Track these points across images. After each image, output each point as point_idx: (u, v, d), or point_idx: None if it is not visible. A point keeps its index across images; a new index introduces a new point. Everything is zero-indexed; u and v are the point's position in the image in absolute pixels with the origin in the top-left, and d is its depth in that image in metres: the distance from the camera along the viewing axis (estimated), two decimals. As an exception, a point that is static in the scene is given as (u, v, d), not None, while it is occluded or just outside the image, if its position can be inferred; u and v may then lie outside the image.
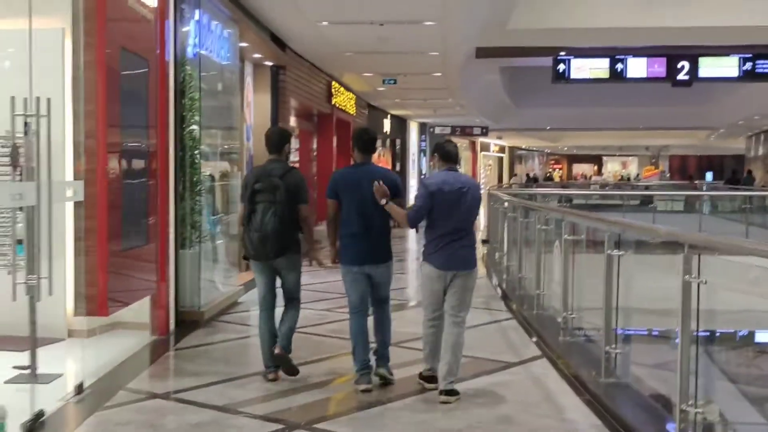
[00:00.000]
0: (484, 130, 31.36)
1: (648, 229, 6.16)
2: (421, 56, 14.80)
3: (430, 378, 5.82)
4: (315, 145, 17.66)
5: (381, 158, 27.81)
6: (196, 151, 8.24)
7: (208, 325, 7.95)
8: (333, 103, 17.11)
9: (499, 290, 10.63)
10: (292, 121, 15.25)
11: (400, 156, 29.51)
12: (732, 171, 36.96)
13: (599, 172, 67.09)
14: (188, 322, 7.83)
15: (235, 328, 7.93)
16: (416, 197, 5.78)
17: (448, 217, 5.66)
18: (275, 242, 5.80)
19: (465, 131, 31.03)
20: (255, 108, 12.82)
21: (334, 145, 17.85)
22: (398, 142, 29.44)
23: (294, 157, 16.62)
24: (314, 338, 7.49)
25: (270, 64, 12.75)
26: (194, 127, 8.07)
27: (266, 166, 6.23)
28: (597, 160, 68.13)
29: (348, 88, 18.81)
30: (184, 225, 8.00)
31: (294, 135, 15.95)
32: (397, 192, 5.90)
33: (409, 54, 14.55)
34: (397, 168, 29.06)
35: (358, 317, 5.94)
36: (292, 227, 5.91)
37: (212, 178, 9.14)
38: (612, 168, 67.83)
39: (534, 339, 7.45)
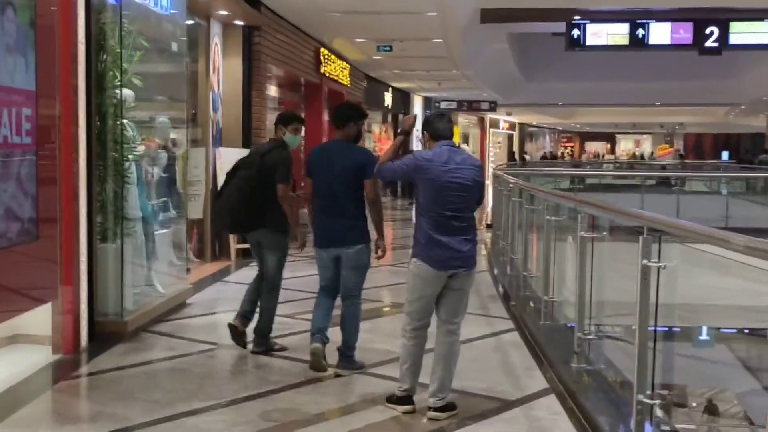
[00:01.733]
0: (493, 105, 29.61)
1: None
2: (418, 18, 13.14)
3: (404, 399, 4.77)
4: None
5: (382, 135, 26.14)
6: (123, 120, 6.66)
7: (133, 338, 6.38)
8: (322, 72, 15.45)
9: (500, 288, 9.03)
10: (272, 91, 13.62)
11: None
12: (746, 150, 35.21)
13: (612, 151, 65.28)
14: (106, 334, 6.27)
15: (168, 344, 6.35)
16: (406, 160, 4.81)
17: (442, 202, 4.63)
18: (230, 215, 6.03)
19: (472, 106, 29.29)
20: (225, 74, 11.20)
21: (325, 118, 16.21)
22: (400, 117, 27.72)
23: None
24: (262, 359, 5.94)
25: (241, 23, 11.11)
26: (118, 91, 6.47)
27: (262, 145, 6.61)
28: (610, 138, 66.33)
29: (341, 56, 17.14)
30: (105, 213, 6.43)
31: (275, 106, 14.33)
32: (366, 173, 5.39)
33: (403, 15, 12.89)
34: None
35: (323, 294, 5.74)
36: (265, 205, 5.88)
37: (154, 157, 7.57)
38: (625, 146, 66.07)
39: (540, 363, 5.86)
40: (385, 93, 24.32)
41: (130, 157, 6.69)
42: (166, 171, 9.37)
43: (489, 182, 15.03)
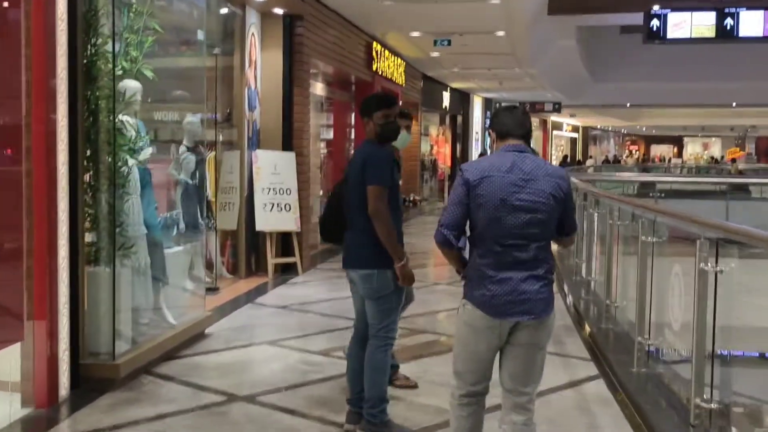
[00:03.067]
0: (557, 107, 28.08)
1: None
2: (480, 8, 11.82)
3: None
4: (353, 121, 14.82)
5: (439, 137, 24.85)
6: (124, 117, 5.51)
7: (127, 384, 5.18)
8: (375, 69, 14.22)
9: (574, 313, 7.66)
10: (318, 89, 12.43)
11: (461, 135, 26.47)
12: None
13: (679, 154, 62.87)
14: (94, 380, 5.09)
15: (168, 393, 5.13)
16: (451, 193, 3.53)
17: (501, 227, 3.35)
18: (327, 236, 4.76)
19: (535, 107, 27.79)
20: (263, 69, 10.04)
21: (378, 120, 14.96)
22: (459, 119, 26.39)
23: (327, 133, 13.84)
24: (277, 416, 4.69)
25: (282, 12, 9.94)
26: (112, 83, 5.30)
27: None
28: (677, 141, 63.92)
29: (395, 53, 15.89)
30: (98, 231, 5.26)
31: (324, 105, 13.15)
32: (367, 178, 4.24)
33: (464, 3, 11.58)
34: (458, 149, 26.05)
35: (354, 337, 4.60)
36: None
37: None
38: (693, 150, 63.60)
39: (641, 429, 4.50)
40: (444, 93, 23.01)
41: (130, 161, 5.52)
42: (194, 176, 8.31)
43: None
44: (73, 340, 4.93)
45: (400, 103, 16.54)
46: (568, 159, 36.96)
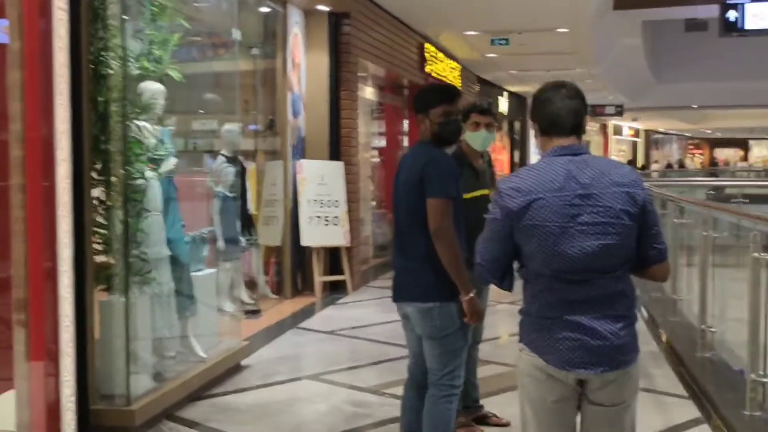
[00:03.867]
0: (619, 110, 26.87)
1: None
2: (542, 3, 10.95)
3: None
4: (405, 127, 14.02)
5: (497, 144, 23.92)
6: (141, 123, 4.81)
7: (145, 432, 4.47)
8: (427, 71, 13.41)
9: (662, 339, 6.73)
10: (367, 92, 11.66)
11: (519, 141, 25.48)
12: None
13: (745, 158, 60.71)
14: (106, 429, 4.37)
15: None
16: (487, 224, 2.68)
17: (560, 258, 2.50)
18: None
19: (596, 111, 26.61)
20: (308, 71, 9.31)
21: (432, 126, 14.12)
22: (517, 125, 25.40)
23: (378, 140, 13.07)
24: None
25: (327, 9, 9.20)
26: (122, 82, 4.59)
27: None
28: (742, 144, 61.72)
29: (449, 55, 15.06)
30: (112, 254, 4.54)
31: (373, 110, 12.40)
32: (425, 189, 3.42)
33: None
34: (515, 157, 25.09)
35: (408, 380, 3.77)
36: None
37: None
38: (759, 153, 61.37)
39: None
40: (500, 98, 22.07)
41: (148, 173, 4.80)
42: (233, 188, 7.65)
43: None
44: (80, 383, 4.21)
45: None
46: (633, 165, 35.63)
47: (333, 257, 9.32)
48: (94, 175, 4.44)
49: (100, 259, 4.50)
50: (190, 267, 5.35)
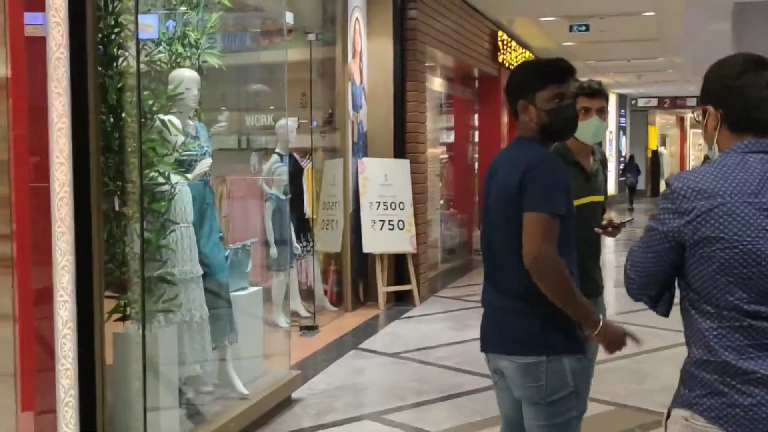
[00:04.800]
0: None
1: None
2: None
3: None
4: (476, 121, 13.07)
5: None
6: (167, 117, 4.00)
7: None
8: (501, 61, 12.43)
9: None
10: (436, 84, 10.74)
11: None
12: None
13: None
14: (118, 494, 3.57)
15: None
16: (647, 229, 1.98)
17: (756, 285, 1.78)
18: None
19: (676, 103, 25.22)
20: (370, 61, 8.45)
21: (504, 121, 13.17)
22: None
23: (446, 137, 12.15)
24: None
25: (391, -9, 8.34)
26: (143, 66, 3.79)
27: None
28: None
29: (522, 44, 14.03)
30: (127, 274, 3.74)
31: (441, 104, 11.49)
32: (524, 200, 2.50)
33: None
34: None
35: None
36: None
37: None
38: None
39: None
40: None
41: (174, 177, 3.99)
42: (288, 190, 6.89)
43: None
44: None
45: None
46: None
47: (398, 264, 8.45)
48: (107, 181, 3.64)
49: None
50: (229, 286, 4.52)
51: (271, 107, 7.08)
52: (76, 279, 3.32)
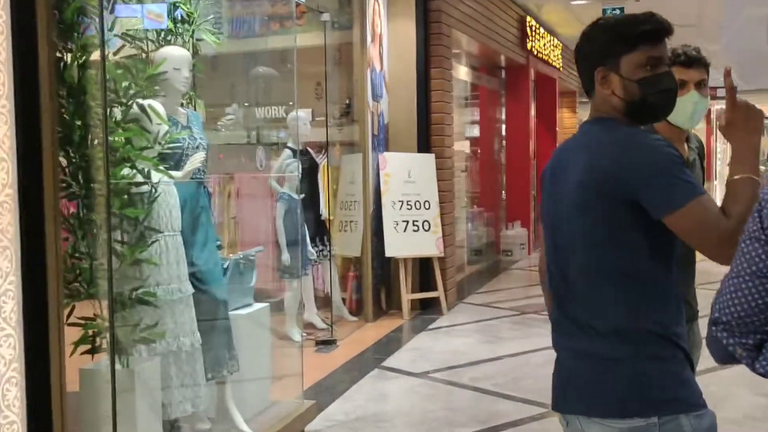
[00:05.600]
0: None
1: None
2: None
3: None
4: (503, 113, 12.28)
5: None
6: (147, 102, 3.27)
7: None
8: (529, 48, 11.63)
9: None
10: (461, 73, 9.98)
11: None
12: None
13: None
14: None
15: None
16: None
17: None
18: None
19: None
20: (391, 46, 7.71)
21: (532, 113, 12.38)
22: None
23: (471, 130, 11.39)
24: None
25: (413, -31, 7.58)
26: (101, 34, 3.07)
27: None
28: None
29: (550, 30, 13.22)
30: (96, 296, 3.01)
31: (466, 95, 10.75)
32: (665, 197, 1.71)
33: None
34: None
35: None
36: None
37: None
38: None
39: None
40: (602, 81, 20.03)
41: (156, 176, 3.26)
42: (301, 189, 6.23)
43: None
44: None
45: (557, 88, 13.90)
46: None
47: (423, 269, 7.71)
48: (67, 181, 2.92)
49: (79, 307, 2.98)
50: (227, 305, 3.80)
51: (281, 98, 6.38)
52: (24, 306, 2.61)
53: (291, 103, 6.02)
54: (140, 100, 3.24)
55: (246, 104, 6.82)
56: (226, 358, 3.73)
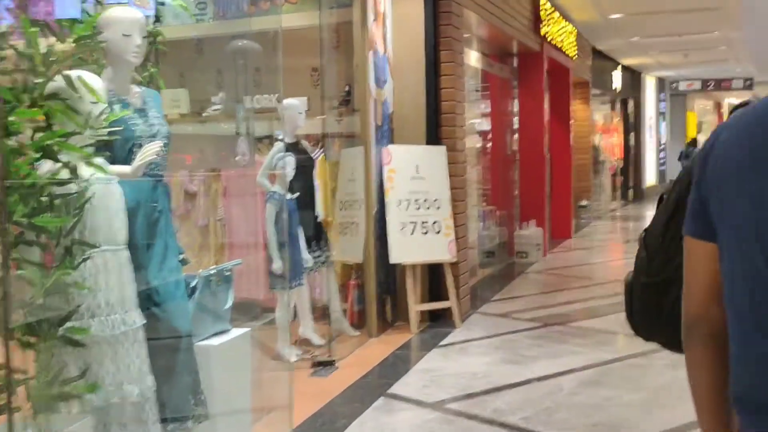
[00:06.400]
0: (748, 83, 23.56)
1: None
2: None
3: None
4: (516, 104, 11.43)
5: (611, 125, 21.12)
6: (75, 74, 2.46)
7: None
8: (543, 34, 10.79)
9: None
10: (473, 59, 9.14)
11: (633, 122, 22.47)
12: None
13: None
14: None
15: None
16: None
17: None
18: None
19: (721, 85, 23.39)
20: (396, 27, 6.87)
21: (546, 104, 11.53)
22: (630, 103, 22.41)
23: (482, 122, 10.56)
24: None
25: (420, -60, 6.75)
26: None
27: None
28: None
29: (565, 16, 12.39)
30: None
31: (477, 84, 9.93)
32: None
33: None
34: (631, 140, 22.14)
35: None
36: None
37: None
38: None
39: None
40: (613, 72, 19.21)
41: (86, 170, 2.44)
42: (294, 187, 5.46)
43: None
44: None
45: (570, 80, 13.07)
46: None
47: (432, 275, 6.89)
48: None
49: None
50: (192, 336, 2.97)
51: (268, 82, 5.60)
52: None
53: (275, 91, 5.22)
54: (68, 71, 2.42)
55: (231, 91, 6.03)
56: (189, 405, 2.91)
